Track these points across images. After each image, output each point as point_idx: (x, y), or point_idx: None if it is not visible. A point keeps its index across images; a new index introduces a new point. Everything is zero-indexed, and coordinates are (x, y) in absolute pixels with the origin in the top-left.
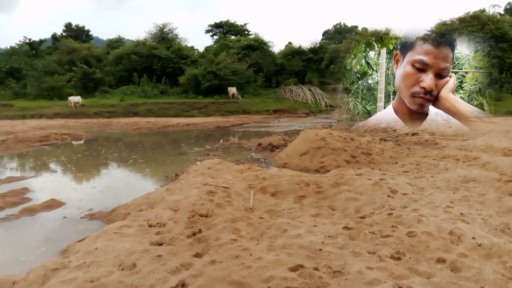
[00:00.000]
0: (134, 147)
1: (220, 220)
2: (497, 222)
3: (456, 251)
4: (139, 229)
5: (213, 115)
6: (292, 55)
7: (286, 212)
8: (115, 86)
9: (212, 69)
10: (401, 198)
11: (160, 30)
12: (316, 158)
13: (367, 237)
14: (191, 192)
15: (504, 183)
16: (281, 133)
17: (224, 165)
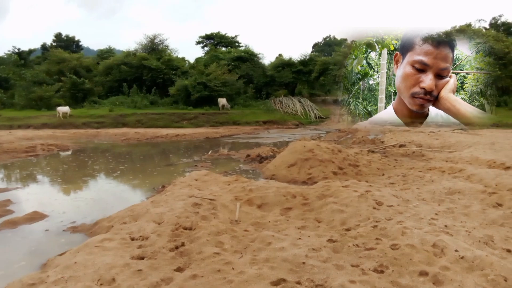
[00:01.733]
0: (122, 158)
1: (204, 233)
2: (481, 234)
3: (439, 264)
4: (121, 242)
5: (203, 126)
6: (282, 67)
7: (271, 225)
8: (105, 96)
9: (202, 80)
10: (386, 210)
11: (151, 41)
12: (303, 170)
13: (351, 250)
14: (176, 205)
15: (488, 195)
16: (270, 144)
17: (211, 177)
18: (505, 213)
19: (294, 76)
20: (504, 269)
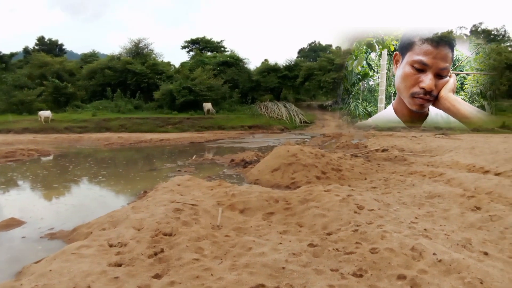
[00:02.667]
0: (104, 163)
1: (184, 239)
2: (459, 238)
3: (417, 267)
4: (98, 249)
5: (188, 131)
6: (268, 72)
7: (253, 230)
8: (88, 101)
9: (188, 84)
10: (367, 214)
11: (136, 45)
12: (287, 174)
13: (331, 254)
14: (157, 210)
15: (467, 199)
16: (255, 149)
17: (194, 182)
18: (483, 217)
19: (279, 81)
20: (480, 271)
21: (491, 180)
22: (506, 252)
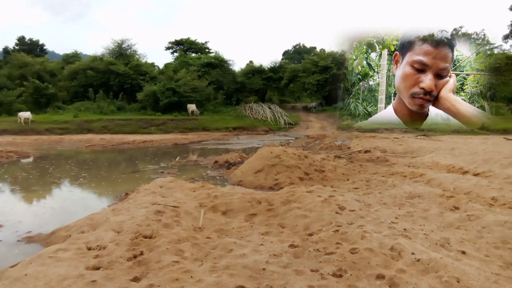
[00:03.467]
0: (85, 165)
1: (164, 241)
2: (438, 237)
3: (396, 267)
4: (76, 252)
5: (172, 132)
6: (253, 73)
7: (235, 231)
8: (69, 102)
9: (172, 85)
10: (348, 215)
11: (119, 46)
12: (270, 176)
13: (311, 255)
14: (138, 212)
15: (446, 199)
16: (239, 150)
17: (177, 183)
18: (461, 216)
19: (264, 82)
20: (457, 270)
21: (470, 180)
22: (483, 251)
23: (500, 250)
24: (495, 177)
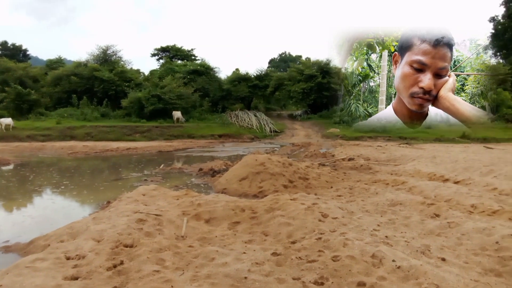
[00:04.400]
0: (67, 173)
1: (145, 250)
2: (419, 244)
3: (377, 274)
4: (54, 262)
5: (156, 139)
6: (239, 81)
7: (218, 239)
8: (52, 108)
9: (157, 92)
10: (331, 222)
11: (103, 52)
12: (255, 183)
13: (293, 263)
14: (119, 221)
15: (427, 206)
16: (224, 158)
17: (160, 191)
18: (441, 223)
19: (250, 90)
20: (437, 277)
21: (450, 188)
22: (462, 257)
23: (479, 256)
24: (474, 185)
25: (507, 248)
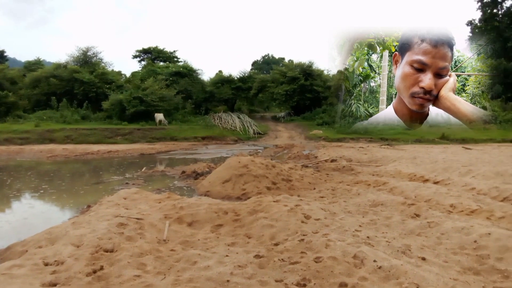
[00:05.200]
0: (46, 177)
1: (126, 254)
2: (399, 244)
3: (358, 274)
4: (32, 268)
5: (138, 142)
6: (222, 83)
7: (201, 243)
8: (31, 110)
9: (139, 94)
10: (314, 224)
11: (84, 53)
12: (238, 185)
13: (276, 265)
14: (99, 225)
15: (408, 206)
16: (208, 160)
17: (141, 195)
18: (421, 223)
19: (233, 92)
20: (417, 276)
21: (430, 188)
22: (442, 257)
23: (458, 255)
24: (453, 185)
25: (485, 247)
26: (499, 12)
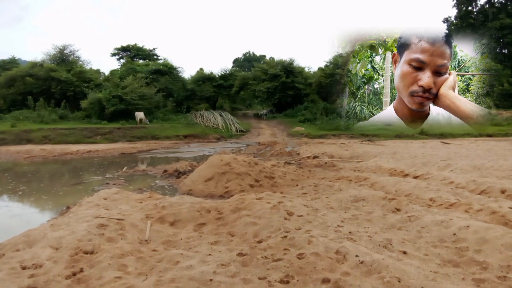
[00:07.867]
0: (24, 178)
1: (106, 256)
2: (381, 238)
3: (341, 270)
4: (9, 272)
5: (119, 141)
6: (203, 80)
7: (183, 242)
8: (7, 110)
9: (118, 93)
10: (297, 220)
11: (60, 52)
12: (221, 184)
13: (259, 262)
14: (79, 227)
15: (388, 201)
16: (190, 159)
17: (122, 195)
18: (402, 217)
19: (215, 90)
20: (398, 270)
21: (410, 183)
22: (423, 250)
23: (438, 248)
24: (433, 179)
25: (463, 239)
26: (474, 10)
